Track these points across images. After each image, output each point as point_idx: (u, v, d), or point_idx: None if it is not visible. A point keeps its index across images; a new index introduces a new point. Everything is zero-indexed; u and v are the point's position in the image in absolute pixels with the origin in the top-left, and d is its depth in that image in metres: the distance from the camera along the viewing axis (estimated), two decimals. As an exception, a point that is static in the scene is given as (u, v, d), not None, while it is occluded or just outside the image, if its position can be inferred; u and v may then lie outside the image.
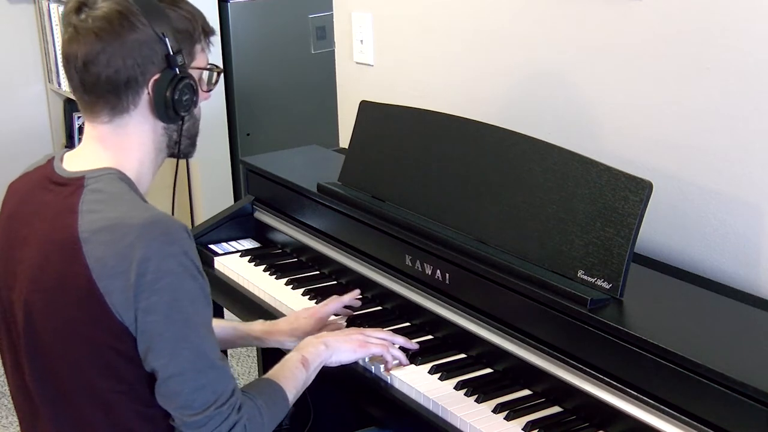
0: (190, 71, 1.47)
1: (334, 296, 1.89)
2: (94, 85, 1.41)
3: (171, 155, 1.54)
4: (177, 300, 1.33)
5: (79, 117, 3.98)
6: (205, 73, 1.53)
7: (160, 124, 1.47)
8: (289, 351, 1.66)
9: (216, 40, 3.23)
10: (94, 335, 1.36)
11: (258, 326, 1.84)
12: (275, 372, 1.56)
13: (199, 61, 1.50)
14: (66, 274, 1.35)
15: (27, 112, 4.02)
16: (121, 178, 1.43)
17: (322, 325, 1.82)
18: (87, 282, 1.33)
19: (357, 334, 1.69)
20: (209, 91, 1.56)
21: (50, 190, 1.45)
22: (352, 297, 1.90)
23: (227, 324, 1.83)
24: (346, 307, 1.89)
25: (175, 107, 1.45)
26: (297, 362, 1.58)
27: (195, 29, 1.48)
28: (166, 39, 1.41)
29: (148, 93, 1.43)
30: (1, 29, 3.88)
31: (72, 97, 3.93)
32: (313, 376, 1.61)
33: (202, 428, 1.37)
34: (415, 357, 1.71)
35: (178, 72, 1.43)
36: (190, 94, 1.46)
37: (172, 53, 1.42)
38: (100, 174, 1.42)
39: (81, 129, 3.99)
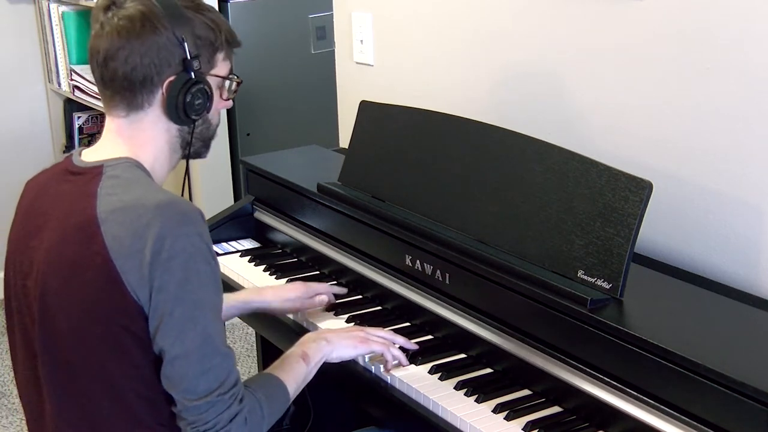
0: (209, 78, 1.51)
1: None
2: (112, 80, 1.46)
3: (183, 157, 1.57)
4: (188, 280, 1.36)
5: (78, 117, 3.98)
6: (226, 82, 1.57)
7: (174, 125, 1.51)
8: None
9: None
10: (109, 315, 1.38)
11: (243, 292, 1.93)
12: (276, 367, 1.58)
13: (219, 69, 1.54)
14: (84, 254, 1.37)
15: (27, 112, 4.02)
16: (138, 166, 1.47)
17: (307, 297, 1.88)
18: (104, 261, 1.35)
19: (358, 331, 1.70)
20: (229, 99, 1.60)
21: (68, 180, 1.48)
22: (340, 289, 1.98)
23: None
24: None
25: (186, 110, 1.48)
26: (298, 357, 1.60)
27: (217, 38, 1.52)
28: (185, 43, 1.46)
29: (163, 93, 1.47)
30: (1, 29, 3.88)
31: (72, 97, 3.95)
32: (314, 372, 1.62)
33: (203, 414, 1.38)
34: (415, 357, 1.71)
35: (193, 76, 1.47)
36: (204, 98, 1.50)
37: (189, 57, 1.46)
38: (118, 162, 1.46)
39: (81, 129, 3.99)
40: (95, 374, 1.41)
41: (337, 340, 1.66)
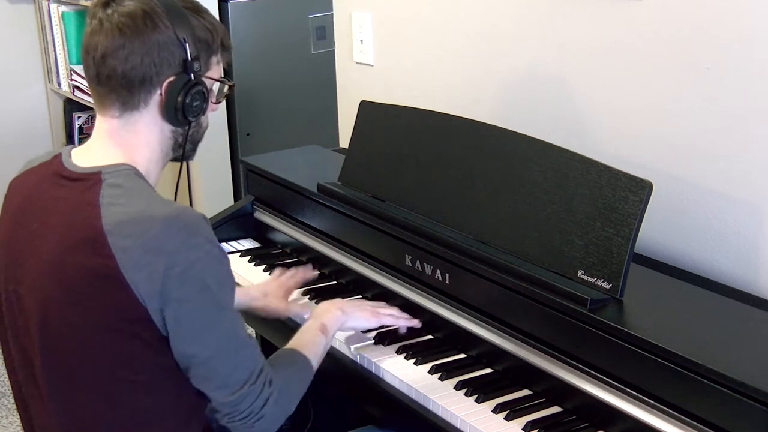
0: (204, 80, 1.50)
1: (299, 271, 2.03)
2: (109, 78, 1.43)
3: (173, 159, 1.56)
4: (207, 287, 1.38)
5: (78, 117, 3.98)
6: (216, 85, 1.56)
7: (168, 126, 1.50)
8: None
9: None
10: (118, 323, 1.37)
11: (249, 293, 1.96)
12: (296, 341, 1.63)
13: (213, 72, 1.54)
14: (90, 266, 1.36)
15: (27, 112, 4.02)
16: (137, 174, 1.45)
17: (287, 293, 1.95)
18: (113, 272, 1.34)
19: (367, 304, 1.82)
20: (218, 103, 1.59)
21: (62, 185, 1.46)
22: (311, 273, 2.04)
23: None
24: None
25: (184, 111, 1.47)
26: (316, 330, 1.67)
27: (214, 41, 1.51)
28: (187, 44, 1.44)
29: (160, 94, 1.46)
30: (1, 29, 3.89)
31: (72, 97, 3.94)
32: (331, 342, 1.70)
33: (238, 406, 1.42)
34: (415, 357, 1.72)
35: (192, 77, 1.46)
36: (201, 100, 1.49)
37: (190, 59, 1.45)
38: (117, 169, 1.44)
39: (81, 129, 3.99)
40: (97, 383, 1.41)
41: (351, 310, 1.75)
